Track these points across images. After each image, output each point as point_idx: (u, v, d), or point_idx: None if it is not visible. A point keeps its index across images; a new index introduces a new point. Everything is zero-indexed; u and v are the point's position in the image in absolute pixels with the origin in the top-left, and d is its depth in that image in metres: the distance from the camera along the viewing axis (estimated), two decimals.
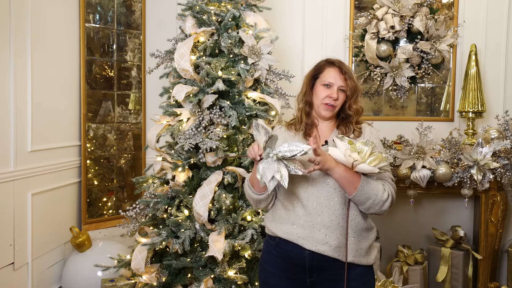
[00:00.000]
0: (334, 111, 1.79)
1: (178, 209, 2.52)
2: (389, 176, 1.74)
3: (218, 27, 2.58)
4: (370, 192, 1.63)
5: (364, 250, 1.71)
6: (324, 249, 1.65)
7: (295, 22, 3.65)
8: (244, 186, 1.82)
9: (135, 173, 3.72)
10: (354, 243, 1.69)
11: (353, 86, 1.78)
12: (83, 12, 3.38)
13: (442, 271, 3.29)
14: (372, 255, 1.76)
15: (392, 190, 1.70)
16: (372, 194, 1.63)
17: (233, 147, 2.53)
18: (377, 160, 1.60)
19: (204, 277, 2.42)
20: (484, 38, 3.43)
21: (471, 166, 2.97)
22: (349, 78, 1.78)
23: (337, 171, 1.61)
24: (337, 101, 1.77)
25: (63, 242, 3.32)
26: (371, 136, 1.78)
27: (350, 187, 1.62)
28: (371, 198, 1.63)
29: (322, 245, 1.65)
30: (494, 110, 3.40)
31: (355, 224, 1.69)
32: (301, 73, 3.63)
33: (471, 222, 3.56)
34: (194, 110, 2.48)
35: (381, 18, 3.28)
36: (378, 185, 1.66)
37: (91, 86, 3.47)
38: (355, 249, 1.69)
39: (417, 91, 3.56)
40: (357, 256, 1.69)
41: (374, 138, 1.77)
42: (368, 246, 1.74)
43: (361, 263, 1.70)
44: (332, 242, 1.65)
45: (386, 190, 1.66)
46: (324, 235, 1.65)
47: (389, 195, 1.67)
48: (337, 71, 1.79)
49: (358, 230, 1.70)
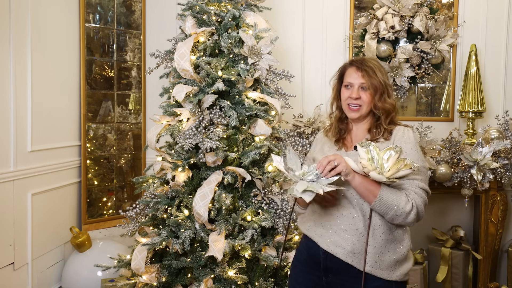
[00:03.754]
0: (361, 111, 1.72)
1: (178, 209, 2.52)
2: (418, 185, 1.62)
3: (218, 27, 2.58)
4: (391, 202, 1.55)
5: (386, 263, 1.62)
6: (337, 251, 1.63)
7: (295, 22, 3.65)
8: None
9: (135, 173, 3.72)
10: (374, 253, 1.61)
11: (374, 82, 1.69)
12: (83, 12, 3.38)
13: (442, 271, 3.29)
14: (397, 271, 1.63)
15: (418, 201, 1.58)
16: (393, 204, 1.55)
17: (233, 147, 2.53)
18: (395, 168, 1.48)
19: (204, 277, 2.42)
20: (484, 38, 3.43)
21: (471, 166, 2.97)
22: (369, 74, 1.69)
23: (355, 179, 1.55)
24: (359, 100, 1.70)
25: (63, 242, 3.32)
26: (403, 140, 1.66)
27: (370, 196, 1.56)
28: (392, 208, 1.55)
29: (336, 247, 1.63)
30: (494, 110, 3.40)
31: (379, 234, 1.61)
32: (301, 73, 3.64)
33: (471, 222, 3.56)
34: (194, 110, 2.48)
35: (381, 18, 3.28)
36: (401, 195, 1.57)
37: (91, 86, 3.47)
38: (374, 260, 1.61)
39: (417, 91, 3.56)
40: (375, 267, 1.61)
41: (406, 143, 1.65)
42: (394, 260, 1.63)
43: (379, 276, 1.61)
44: (346, 246, 1.62)
45: (409, 201, 1.56)
46: (339, 238, 1.63)
47: (413, 206, 1.57)
48: (354, 69, 1.73)
49: (380, 240, 1.61)
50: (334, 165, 1.51)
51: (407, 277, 1.68)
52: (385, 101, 1.71)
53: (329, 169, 1.50)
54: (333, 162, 1.51)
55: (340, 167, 1.51)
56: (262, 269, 2.49)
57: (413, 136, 1.68)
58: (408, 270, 1.67)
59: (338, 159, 1.52)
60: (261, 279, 2.47)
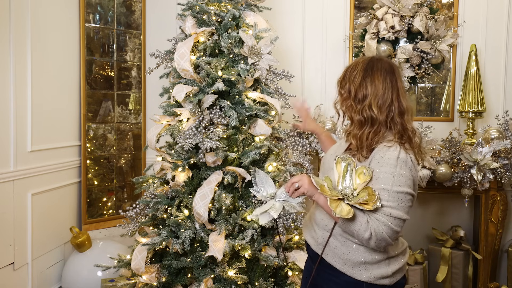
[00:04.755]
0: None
1: (178, 209, 2.52)
2: (385, 212, 1.50)
3: (218, 27, 2.58)
4: (350, 227, 1.52)
5: (351, 262, 1.62)
6: (310, 242, 1.78)
7: (295, 22, 3.65)
8: None
9: (135, 173, 3.72)
10: (338, 247, 1.65)
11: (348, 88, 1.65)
12: (83, 12, 3.38)
13: (442, 271, 3.29)
14: (366, 273, 1.61)
15: (378, 230, 1.48)
16: (352, 229, 1.52)
17: (233, 147, 2.53)
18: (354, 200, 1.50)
19: (204, 277, 2.42)
20: (484, 38, 3.43)
21: (471, 166, 2.97)
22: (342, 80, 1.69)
23: (320, 200, 1.61)
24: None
25: (63, 242, 3.32)
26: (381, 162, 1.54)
27: (332, 217, 1.62)
28: (353, 232, 1.53)
29: (311, 238, 1.79)
30: (494, 110, 3.40)
31: (347, 237, 1.63)
32: (301, 73, 3.64)
33: (471, 222, 3.56)
34: (194, 110, 2.48)
35: (381, 18, 3.28)
36: (362, 220, 1.50)
37: (91, 86, 3.47)
38: (339, 255, 1.64)
39: (417, 91, 3.56)
40: (340, 263, 1.64)
41: (383, 166, 1.53)
42: (361, 261, 1.61)
43: (347, 273, 1.63)
44: (317, 237, 1.74)
45: (368, 229, 1.49)
46: (313, 230, 1.77)
47: (372, 235, 1.49)
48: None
49: (346, 239, 1.63)
50: (296, 187, 1.63)
51: (385, 280, 1.62)
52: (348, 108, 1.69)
53: (293, 190, 1.64)
54: (295, 184, 1.63)
55: (302, 189, 1.62)
56: (262, 269, 2.49)
57: (395, 157, 1.53)
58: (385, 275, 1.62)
59: (301, 181, 1.62)
60: (261, 279, 2.47)
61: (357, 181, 1.54)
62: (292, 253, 2.57)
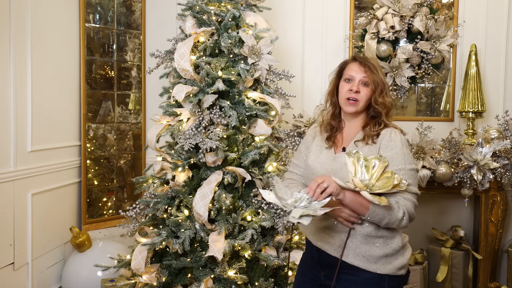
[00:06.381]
0: (358, 106, 1.73)
1: (178, 209, 2.52)
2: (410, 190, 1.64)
3: (218, 27, 2.58)
4: (383, 212, 1.59)
5: (374, 257, 1.66)
6: (326, 248, 1.72)
7: (295, 22, 3.65)
8: None
9: (135, 173, 3.72)
10: (359, 246, 1.67)
11: (376, 79, 1.72)
12: (83, 12, 3.38)
13: (442, 271, 3.29)
14: (388, 265, 1.67)
15: (408, 206, 1.62)
16: (385, 214, 1.60)
17: (233, 147, 2.53)
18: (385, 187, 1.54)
19: (204, 277, 2.42)
20: (484, 38, 3.43)
21: (471, 166, 2.97)
22: (371, 71, 1.72)
23: (346, 197, 1.58)
24: (359, 94, 1.72)
25: (63, 242, 3.32)
26: (389, 145, 1.67)
27: (362, 210, 1.61)
28: (385, 218, 1.60)
29: (325, 243, 1.72)
30: (494, 110, 3.40)
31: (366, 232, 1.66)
32: (301, 73, 3.64)
33: (471, 222, 3.56)
34: (194, 110, 2.48)
35: (381, 18, 3.28)
36: (393, 205, 1.60)
37: (91, 86, 3.47)
38: (361, 254, 1.67)
39: (417, 91, 3.56)
40: (362, 261, 1.67)
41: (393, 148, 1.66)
42: (383, 254, 1.67)
43: (369, 269, 1.66)
44: (334, 242, 1.71)
45: (400, 208, 1.60)
46: (327, 235, 1.72)
47: (404, 212, 1.61)
48: (358, 64, 1.76)
49: (367, 236, 1.66)
50: (323, 188, 1.53)
51: (402, 271, 1.70)
52: (383, 99, 1.73)
53: (319, 192, 1.53)
54: (322, 184, 1.53)
55: (330, 189, 1.54)
56: (262, 269, 2.50)
57: (399, 138, 1.69)
58: (403, 265, 1.70)
59: (327, 180, 1.55)
60: (261, 279, 2.47)
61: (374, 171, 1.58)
62: (292, 253, 2.57)
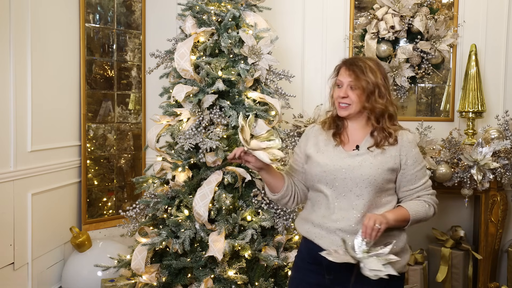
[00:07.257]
0: (349, 110, 1.73)
1: (178, 209, 2.52)
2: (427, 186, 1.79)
3: (218, 27, 2.58)
4: (421, 217, 1.74)
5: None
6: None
7: (295, 22, 3.64)
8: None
9: (135, 173, 3.72)
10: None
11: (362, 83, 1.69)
12: (83, 12, 3.38)
13: (442, 271, 3.29)
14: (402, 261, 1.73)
15: (435, 200, 1.79)
16: (422, 217, 1.74)
17: (233, 147, 2.53)
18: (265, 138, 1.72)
19: (204, 277, 2.42)
20: (484, 38, 3.43)
21: (471, 166, 2.97)
22: (356, 74, 1.70)
23: (390, 222, 1.63)
24: (347, 98, 1.72)
25: (63, 242, 3.32)
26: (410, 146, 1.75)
27: (403, 224, 1.72)
28: (422, 220, 1.76)
29: (337, 247, 1.67)
30: (494, 110, 3.40)
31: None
32: (301, 73, 3.64)
33: (471, 222, 3.56)
34: (194, 110, 2.48)
35: (381, 18, 3.28)
36: (424, 205, 1.74)
37: (91, 86, 3.47)
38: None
39: (417, 91, 3.56)
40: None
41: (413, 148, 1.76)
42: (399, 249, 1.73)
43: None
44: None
45: (431, 206, 1.77)
46: (339, 238, 1.68)
47: (435, 208, 1.78)
48: (344, 68, 1.75)
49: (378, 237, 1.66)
50: (378, 229, 1.57)
51: (406, 268, 1.79)
52: (375, 101, 1.71)
53: (375, 235, 1.57)
54: (376, 226, 1.57)
55: (384, 225, 1.59)
56: (262, 269, 2.50)
57: (412, 139, 1.78)
58: (406, 262, 1.77)
59: (378, 220, 1.58)
60: (261, 279, 2.47)
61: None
62: (292, 253, 2.57)
